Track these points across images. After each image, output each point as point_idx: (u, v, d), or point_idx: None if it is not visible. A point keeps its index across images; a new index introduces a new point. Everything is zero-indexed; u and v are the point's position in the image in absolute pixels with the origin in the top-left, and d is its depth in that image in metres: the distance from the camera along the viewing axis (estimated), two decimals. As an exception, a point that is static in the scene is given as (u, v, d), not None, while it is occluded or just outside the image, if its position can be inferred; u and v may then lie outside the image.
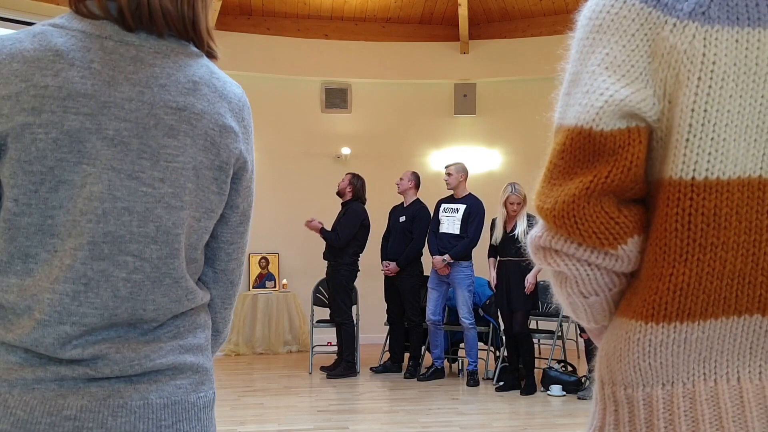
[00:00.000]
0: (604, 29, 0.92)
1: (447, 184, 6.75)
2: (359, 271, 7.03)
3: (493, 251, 6.42)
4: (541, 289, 6.78)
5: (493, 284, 6.37)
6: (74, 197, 1.05)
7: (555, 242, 0.91)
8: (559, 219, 0.89)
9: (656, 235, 0.89)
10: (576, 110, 0.91)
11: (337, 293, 6.92)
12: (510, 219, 6.28)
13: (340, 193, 7.13)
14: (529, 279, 6.14)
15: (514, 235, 6.18)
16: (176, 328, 1.15)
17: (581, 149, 0.89)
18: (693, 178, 0.86)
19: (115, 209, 1.07)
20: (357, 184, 7.07)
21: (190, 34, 1.16)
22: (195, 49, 1.18)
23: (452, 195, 6.80)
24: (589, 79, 0.91)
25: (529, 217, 6.19)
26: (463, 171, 6.81)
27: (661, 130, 0.90)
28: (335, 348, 7.25)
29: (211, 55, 1.22)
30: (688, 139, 0.87)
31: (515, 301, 6.22)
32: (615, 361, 0.93)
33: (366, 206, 7.07)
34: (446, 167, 6.86)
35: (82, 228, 1.05)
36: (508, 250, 6.24)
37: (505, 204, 6.27)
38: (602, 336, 1.00)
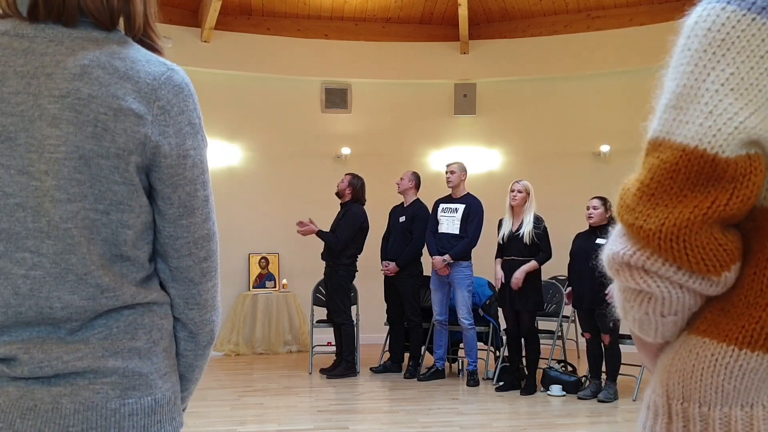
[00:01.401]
0: (728, 45, 0.87)
1: (449, 182, 6.74)
2: (357, 271, 7.03)
3: (500, 252, 6.39)
4: (544, 289, 6.78)
5: (498, 285, 6.35)
6: None
7: (651, 263, 0.88)
8: (666, 242, 0.86)
9: (764, 266, 0.88)
10: (696, 130, 0.86)
11: (335, 294, 6.91)
12: (516, 215, 6.26)
13: (339, 194, 7.11)
14: (517, 275, 6.09)
15: (519, 234, 6.16)
16: (108, 329, 1.11)
17: (699, 173, 0.86)
18: None
19: (8, 206, 1.05)
20: (357, 184, 7.06)
21: (114, 23, 1.12)
22: (117, 36, 1.13)
23: (450, 195, 6.80)
24: (712, 99, 0.86)
25: (537, 219, 6.16)
26: (464, 170, 6.82)
27: None
28: (335, 348, 7.25)
29: (151, 48, 1.18)
30: None
31: (519, 301, 6.21)
32: (692, 379, 0.92)
33: (366, 206, 7.07)
34: (448, 165, 6.85)
35: None
36: (512, 249, 6.22)
37: (509, 193, 6.26)
38: (657, 351, 1.00)
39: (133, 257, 1.14)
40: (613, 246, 0.92)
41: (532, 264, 6.11)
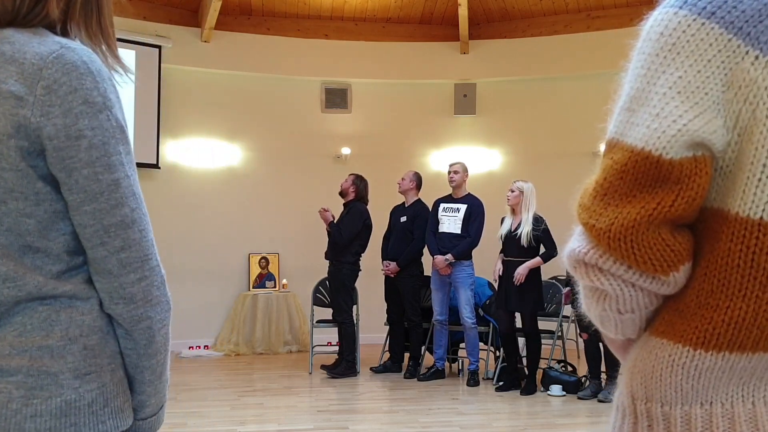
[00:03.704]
0: (678, 49, 0.89)
1: (452, 181, 6.74)
2: (360, 270, 7.03)
3: (501, 250, 6.40)
4: (544, 289, 6.78)
5: (496, 276, 6.34)
6: None
7: (603, 261, 0.91)
8: (614, 241, 0.88)
9: (714, 267, 0.90)
10: (643, 132, 0.89)
11: (338, 293, 6.92)
12: (515, 214, 6.26)
13: (342, 193, 7.13)
14: (520, 271, 6.10)
15: (517, 234, 6.16)
16: (23, 326, 1.07)
17: (645, 174, 0.88)
18: (761, 218, 0.87)
19: None
20: (360, 185, 7.07)
21: (8, 22, 1.08)
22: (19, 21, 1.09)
23: (450, 195, 6.80)
24: (660, 102, 0.88)
25: (536, 220, 6.16)
26: (467, 170, 6.85)
27: (723, 160, 0.89)
28: (335, 348, 7.25)
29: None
30: (760, 179, 0.86)
31: (518, 302, 6.21)
32: (652, 380, 0.94)
33: (367, 207, 7.08)
34: (451, 165, 6.85)
35: None
36: (511, 249, 6.22)
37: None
38: (624, 347, 1.02)
39: (43, 248, 1.08)
40: (572, 244, 0.95)
41: (536, 260, 6.11)
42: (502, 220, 6.41)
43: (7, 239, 1.06)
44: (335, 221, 6.97)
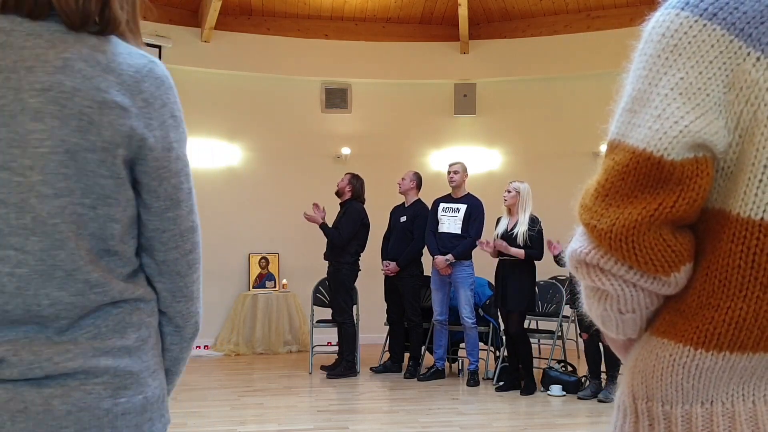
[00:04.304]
0: (680, 51, 0.89)
1: (452, 182, 6.74)
2: (360, 270, 7.03)
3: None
4: (541, 290, 6.78)
5: (485, 245, 6.33)
6: None
7: (604, 262, 0.91)
8: (616, 242, 0.89)
9: (715, 267, 0.90)
10: (645, 133, 0.89)
11: (338, 293, 6.92)
12: (511, 215, 6.26)
13: (339, 193, 7.12)
14: (500, 242, 6.10)
15: (513, 234, 6.16)
16: (96, 328, 1.10)
17: (646, 175, 0.88)
18: (762, 218, 0.87)
19: None
20: (356, 184, 7.07)
21: (84, 25, 1.10)
22: (95, 29, 1.12)
23: (450, 195, 6.80)
24: (661, 103, 0.89)
25: (532, 221, 6.16)
26: (466, 171, 6.85)
27: (725, 161, 0.90)
28: (335, 348, 7.25)
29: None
30: (761, 180, 0.87)
31: (509, 302, 6.21)
32: (653, 379, 0.95)
33: (366, 206, 7.08)
34: (451, 165, 6.85)
35: None
36: (506, 249, 6.22)
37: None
38: (625, 346, 1.03)
39: (120, 252, 1.13)
40: (574, 244, 0.95)
41: (521, 251, 6.09)
42: (498, 220, 6.42)
43: (91, 244, 1.09)
44: (333, 223, 6.97)
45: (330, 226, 6.98)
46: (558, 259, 5.98)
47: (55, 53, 1.06)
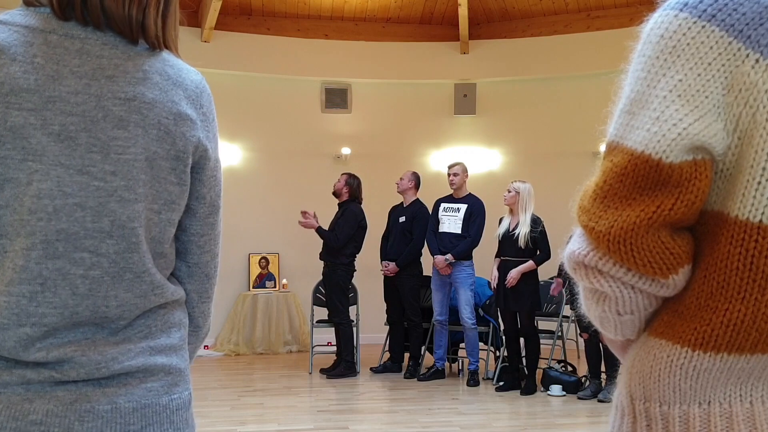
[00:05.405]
0: (678, 52, 0.89)
1: (452, 183, 6.74)
2: (355, 271, 7.03)
3: (498, 251, 6.39)
4: (541, 290, 6.77)
5: (494, 284, 6.35)
6: (20, 195, 1.03)
7: (603, 264, 0.91)
8: (614, 244, 0.89)
9: (713, 269, 0.90)
10: (643, 135, 0.89)
11: (333, 294, 6.91)
12: (513, 215, 6.27)
13: (336, 193, 7.12)
14: (512, 274, 6.10)
15: (515, 235, 6.16)
16: (147, 328, 1.13)
17: (645, 177, 0.88)
18: (761, 221, 0.87)
19: (67, 206, 1.05)
20: (353, 184, 7.07)
21: (135, 36, 1.13)
22: (145, 46, 1.15)
23: (451, 195, 6.80)
24: (660, 105, 0.88)
25: (534, 221, 6.15)
26: (467, 171, 6.85)
27: (724, 164, 0.89)
28: (335, 348, 7.25)
29: None
30: (760, 182, 0.87)
31: (513, 302, 6.21)
32: (651, 380, 0.95)
33: (365, 206, 7.08)
34: (451, 167, 6.85)
35: (33, 227, 1.03)
36: (508, 250, 6.22)
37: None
38: (624, 347, 1.03)
39: (167, 254, 1.18)
40: (572, 245, 0.95)
41: (529, 264, 6.12)
42: (500, 220, 6.42)
43: (152, 247, 1.14)
44: (330, 223, 6.97)
45: (327, 226, 6.98)
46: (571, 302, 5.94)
47: (133, 65, 1.11)
